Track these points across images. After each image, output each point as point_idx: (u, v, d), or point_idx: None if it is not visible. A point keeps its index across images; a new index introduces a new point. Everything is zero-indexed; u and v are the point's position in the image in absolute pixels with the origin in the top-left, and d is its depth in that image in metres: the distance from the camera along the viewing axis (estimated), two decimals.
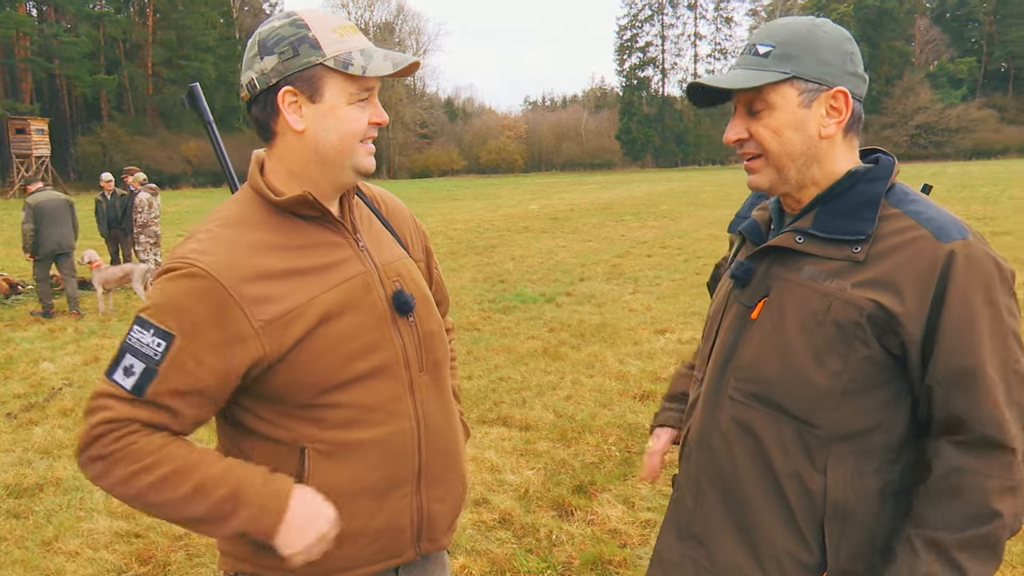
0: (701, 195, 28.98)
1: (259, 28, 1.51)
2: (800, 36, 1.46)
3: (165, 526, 4.04)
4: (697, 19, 78.62)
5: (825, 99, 1.45)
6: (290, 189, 1.52)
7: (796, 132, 1.46)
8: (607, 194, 31.73)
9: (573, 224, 19.67)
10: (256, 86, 1.48)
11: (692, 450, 1.65)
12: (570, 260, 13.37)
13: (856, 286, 1.40)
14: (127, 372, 1.40)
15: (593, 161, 72.03)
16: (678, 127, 76.52)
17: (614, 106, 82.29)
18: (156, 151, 54.35)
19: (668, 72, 78.97)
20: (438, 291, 1.85)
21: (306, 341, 1.46)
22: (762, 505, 1.51)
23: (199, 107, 1.75)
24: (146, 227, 11.87)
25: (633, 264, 12.76)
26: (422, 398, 1.61)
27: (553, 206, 26.15)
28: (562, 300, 9.90)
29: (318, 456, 1.50)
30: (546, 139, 74.03)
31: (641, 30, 79.28)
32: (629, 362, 6.88)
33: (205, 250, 1.44)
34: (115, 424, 1.40)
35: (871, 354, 1.40)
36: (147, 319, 1.41)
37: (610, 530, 3.84)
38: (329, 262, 1.52)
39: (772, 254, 1.54)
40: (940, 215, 1.41)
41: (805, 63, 1.44)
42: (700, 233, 16.52)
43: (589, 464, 4.68)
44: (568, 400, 5.87)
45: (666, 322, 8.39)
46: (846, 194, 1.47)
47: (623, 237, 16.54)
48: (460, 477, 1.72)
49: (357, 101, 1.49)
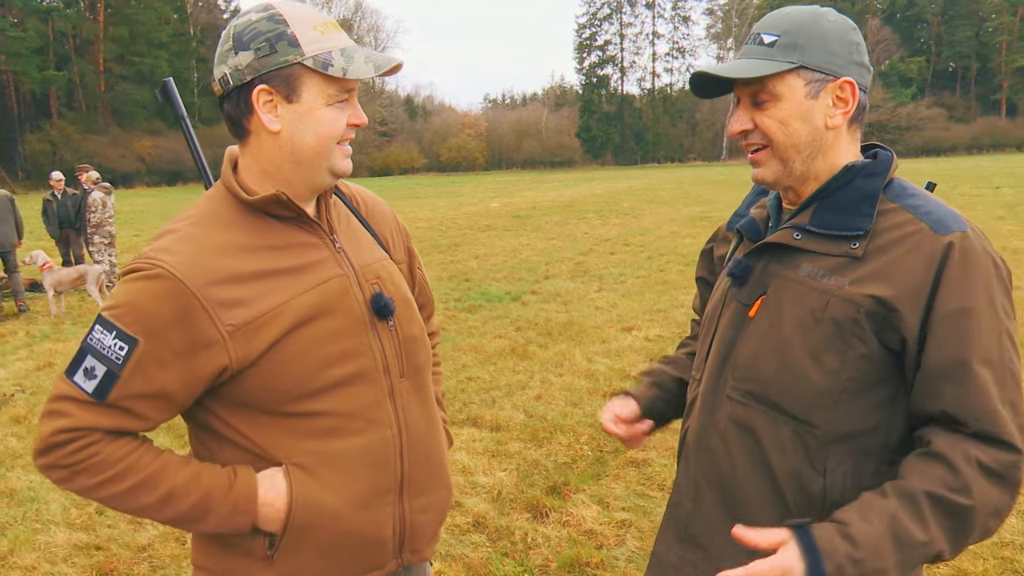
0: (661, 193, 29.17)
1: (234, 20, 1.43)
2: (806, 25, 1.43)
3: (127, 537, 3.91)
4: (655, 18, 79.21)
5: (832, 89, 1.42)
6: (263, 188, 1.46)
7: (802, 123, 1.43)
8: (568, 192, 31.79)
9: (536, 222, 19.66)
10: (229, 82, 1.40)
11: (690, 451, 1.62)
12: (534, 258, 13.34)
13: (854, 283, 1.38)
14: (88, 374, 1.34)
15: (554, 159, 72.18)
16: (637, 125, 77.04)
17: (574, 104, 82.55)
18: (108, 149, 53.09)
19: (627, 71, 79.51)
20: (422, 294, 1.79)
21: (278, 346, 1.40)
22: (761, 506, 1.48)
23: (173, 102, 1.67)
24: (100, 227, 11.56)
25: (597, 262, 12.77)
26: (403, 404, 1.55)
27: (515, 204, 26.11)
28: (528, 299, 9.87)
29: (299, 473, 1.44)
30: (507, 137, 73.99)
31: (600, 28, 79.69)
32: (598, 360, 6.86)
33: (171, 250, 1.37)
34: (75, 433, 1.33)
35: (869, 351, 1.37)
36: (110, 320, 1.34)
37: (586, 531, 3.81)
38: (304, 264, 1.46)
39: (770, 251, 1.51)
40: (939, 209, 1.39)
41: (812, 53, 1.41)
42: (662, 231, 16.61)
43: (562, 464, 4.64)
44: (538, 400, 5.83)
45: (632, 320, 8.40)
46: (844, 189, 1.45)
47: (586, 235, 16.56)
48: (445, 486, 1.67)
49: (336, 102, 1.43)
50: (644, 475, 4.43)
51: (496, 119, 79.03)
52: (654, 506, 4.03)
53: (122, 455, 1.36)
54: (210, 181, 1.65)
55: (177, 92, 1.67)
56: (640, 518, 3.91)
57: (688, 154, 76.51)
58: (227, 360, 1.36)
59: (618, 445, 4.88)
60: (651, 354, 6.94)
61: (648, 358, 6.82)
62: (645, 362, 6.72)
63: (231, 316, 1.36)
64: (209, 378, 1.37)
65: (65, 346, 8.23)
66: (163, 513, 1.39)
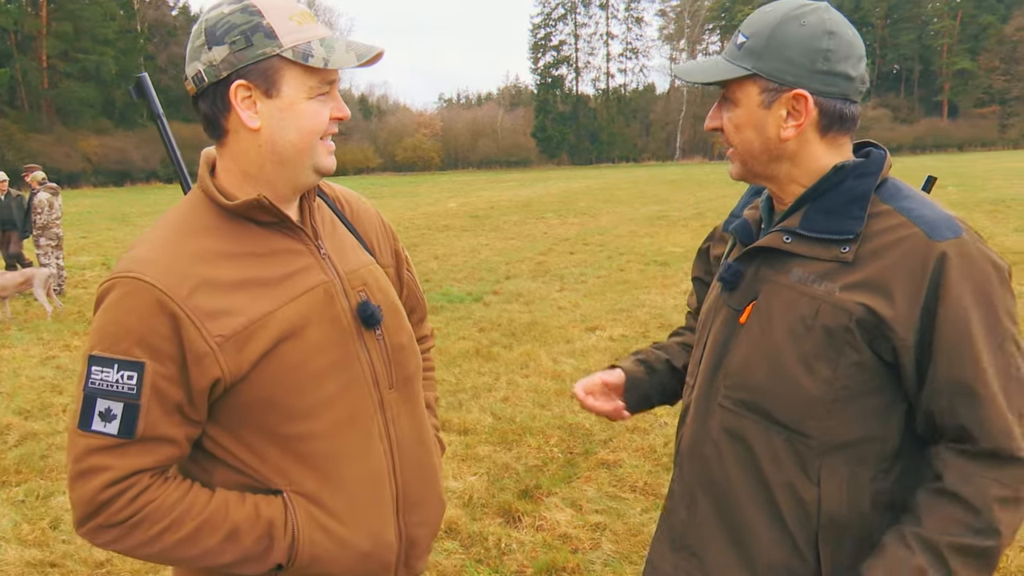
0: (617, 192, 29.35)
1: (205, 14, 1.35)
2: (770, 29, 1.38)
3: (84, 552, 3.75)
4: (609, 19, 79.83)
5: (786, 100, 1.37)
6: (244, 191, 1.38)
7: (754, 132, 1.41)
8: (525, 191, 31.80)
9: (494, 222, 19.60)
10: (204, 79, 1.32)
11: (684, 459, 1.58)
12: (494, 258, 13.29)
13: (845, 289, 1.34)
14: (105, 417, 1.25)
15: (509, 159, 72.22)
16: (592, 125, 77.50)
17: (529, 104, 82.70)
18: (53, 148, 51.43)
19: (582, 71, 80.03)
20: (411, 297, 1.72)
21: (269, 358, 1.32)
22: (755, 516, 1.45)
23: (148, 98, 1.58)
24: (47, 229, 11.20)
25: (557, 261, 12.77)
26: (393, 417, 1.49)
27: (472, 204, 26.03)
28: (490, 299, 9.81)
29: (302, 501, 1.37)
30: (462, 137, 73.80)
31: (555, 29, 79.99)
32: (563, 361, 6.84)
33: (149, 260, 1.29)
34: (123, 484, 1.25)
35: (862, 360, 1.34)
36: (104, 355, 1.26)
37: (560, 535, 3.76)
38: (288, 271, 1.38)
39: (760, 255, 1.47)
40: (933, 212, 1.34)
41: (767, 60, 1.37)
42: (620, 230, 16.69)
43: (532, 467, 4.60)
44: (505, 402, 5.78)
45: (596, 319, 8.40)
46: (834, 190, 1.40)
47: (545, 234, 16.57)
48: (438, 497, 1.61)
49: (317, 95, 1.35)
50: (616, 477, 4.40)
51: (451, 119, 78.82)
52: (627, 508, 4.01)
53: (178, 497, 1.30)
54: (188, 183, 1.57)
55: (152, 88, 1.57)
56: (614, 520, 3.88)
57: (642, 154, 77.22)
58: (219, 372, 1.29)
59: (588, 446, 4.86)
60: (616, 354, 6.94)
61: (613, 358, 6.81)
62: (610, 361, 6.69)
63: (218, 327, 1.28)
64: (206, 392, 1.30)
65: (11, 352, 7.93)
66: (224, 556, 1.32)
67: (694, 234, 15.12)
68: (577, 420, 5.29)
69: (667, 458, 4.59)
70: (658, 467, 4.50)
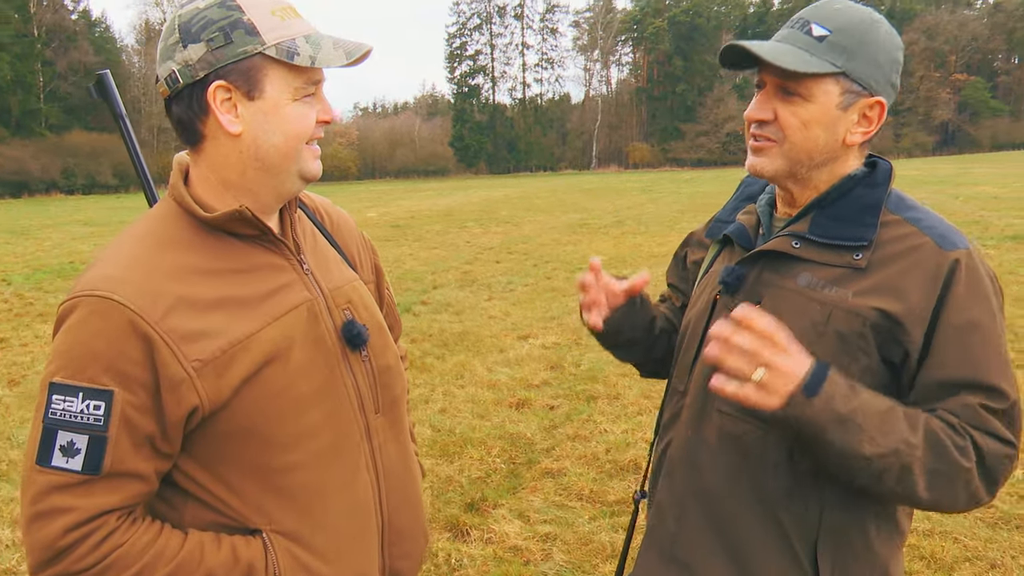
0: (536, 201, 29.52)
1: (178, 9, 1.25)
2: (862, 29, 1.35)
3: None
4: (524, 29, 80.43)
5: (862, 106, 1.37)
6: (222, 202, 1.28)
7: (824, 131, 1.37)
8: (445, 200, 31.65)
9: (416, 231, 19.42)
10: (178, 79, 1.22)
11: (675, 467, 1.55)
12: (419, 268, 13.15)
13: (858, 294, 1.34)
14: (67, 452, 1.13)
15: (427, 168, 71.82)
16: (510, 134, 77.86)
17: (446, 113, 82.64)
18: None
19: (498, 80, 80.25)
20: (389, 314, 1.65)
21: (251, 384, 1.23)
22: (752, 525, 1.43)
23: (110, 98, 1.46)
24: None
25: (484, 270, 12.73)
26: (379, 443, 1.40)
27: (392, 213, 25.72)
28: (418, 309, 9.69)
29: (283, 542, 1.28)
30: (379, 146, 73.01)
31: (470, 38, 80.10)
32: (498, 370, 6.80)
33: (116, 277, 1.18)
34: (88, 527, 1.12)
35: (871, 365, 1.35)
36: (67, 383, 1.14)
37: (511, 547, 3.72)
38: (270, 289, 1.29)
39: (763, 259, 1.46)
40: (941, 224, 1.38)
41: (859, 62, 1.34)
42: (543, 238, 16.77)
43: (476, 479, 4.54)
44: (443, 413, 5.70)
45: (527, 327, 8.40)
46: (844, 198, 1.41)
47: (468, 244, 16.50)
48: (422, 528, 1.53)
49: (303, 96, 1.26)
50: (561, 486, 4.39)
51: (368, 128, 77.95)
52: (575, 517, 4.00)
53: (148, 541, 1.17)
54: (152, 192, 1.46)
55: (115, 87, 1.46)
56: (564, 530, 3.86)
57: (560, 163, 78.00)
58: (197, 400, 1.18)
59: (531, 456, 4.84)
60: (551, 361, 6.95)
61: (548, 366, 6.83)
62: (546, 370, 6.72)
63: (195, 350, 1.18)
64: (181, 423, 1.19)
65: None
66: None
67: (616, 242, 15.34)
68: (518, 430, 5.26)
69: (610, 465, 4.60)
70: (602, 474, 4.51)
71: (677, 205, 24.00)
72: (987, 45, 75.54)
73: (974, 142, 71.82)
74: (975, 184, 24.97)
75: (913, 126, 72.43)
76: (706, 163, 69.47)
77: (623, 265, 12.18)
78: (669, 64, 76.75)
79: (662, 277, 1.91)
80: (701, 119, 73.28)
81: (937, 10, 74.47)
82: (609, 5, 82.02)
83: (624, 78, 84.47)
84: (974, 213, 16.35)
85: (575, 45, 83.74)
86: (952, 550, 3.54)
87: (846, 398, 1.24)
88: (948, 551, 3.53)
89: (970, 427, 1.29)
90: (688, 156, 71.98)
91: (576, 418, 5.46)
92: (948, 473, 1.27)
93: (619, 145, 79.61)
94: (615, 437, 5.02)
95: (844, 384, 1.26)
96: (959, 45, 74.11)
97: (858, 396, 1.26)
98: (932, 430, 1.28)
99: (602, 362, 6.68)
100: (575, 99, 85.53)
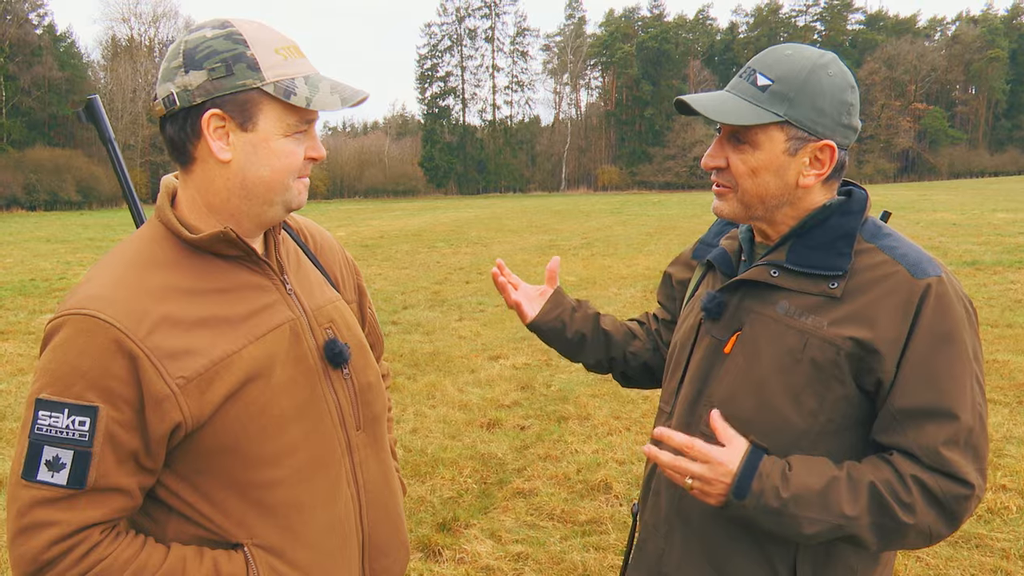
0: (506, 221, 29.66)
1: (185, 35, 1.29)
2: (802, 78, 1.39)
3: None
4: (495, 52, 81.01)
5: (811, 149, 1.40)
6: (207, 224, 1.31)
7: (774, 177, 1.42)
8: (415, 220, 31.66)
9: (385, 251, 19.40)
10: (176, 102, 1.26)
11: (662, 487, 1.59)
12: (389, 288, 13.14)
13: (833, 324, 1.38)
14: (53, 466, 1.15)
15: (397, 188, 71.81)
16: (479, 155, 78.21)
17: (416, 133, 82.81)
18: None
19: (468, 102, 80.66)
20: (371, 333, 1.68)
21: (234, 401, 1.26)
22: (735, 543, 1.48)
23: (99, 121, 1.49)
24: None
25: (454, 291, 12.75)
26: (360, 460, 1.44)
27: (361, 233, 25.67)
28: (389, 329, 9.67)
29: (264, 556, 1.30)
30: (348, 165, 72.83)
31: (441, 60, 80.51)
32: (469, 390, 6.81)
33: (103, 296, 1.21)
34: (71, 540, 1.14)
35: (847, 393, 1.38)
36: (53, 399, 1.16)
37: (483, 568, 3.73)
38: (253, 308, 1.32)
39: (744, 286, 1.50)
40: (913, 251, 1.41)
41: (800, 109, 1.38)
42: (515, 259, 16.85)
43: (448, 499, 4.54)
44: (415, 433, 5.70)
45: (498, 348, 8.43)
46: (820, 227, 1.45)
47: (438, 264, 16.52)
48: (403, 544, 1.56)
49: (294, 133, 1.30)
50: (532, 505, 4.41)
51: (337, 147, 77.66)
52: (547, 536, 4.02)
53: (131, 555, 1.19)
54: (139, 213, 1.48)
55: (104, 111, 1.49)
56: (536, 549, 3.88)
57: (529, 184, 78.43)
58: (180, 416, 1.21)
59: (503, 476, 4.85)
60: (521, 382, 6.98)
61: (519, 386, 6.86)
62: (517, 390, 6.74)
63: (179, 368, 1.21)
64: (165, 439, 1.22)
65: None
66: None
67: (585, 263, 15.46)
68: (489, 450, 5.28)
69: (581, 485, 4.64)
70: (573, 494, 4.54)
71: (645, 228, 24.25)
72: (945, 76, 77.69)
73: (933, 169, 73.70)
74: (934, 211, 25.58)
75: (875, 153, 74.11)
76: (674, 186, 70.33)
77: (592, 286, 12.28)
78: (637, 88, 77.84)
79: (630, 299, 2.02)
80: (669, 143, 74.33)
81: (897, 40, 76.43)
82: (579, 30, 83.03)
83: (593, 102, 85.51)
84: (933, 239, 16.73)
85: (545, 68, 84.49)
86: (915, 568, 3.62)
87: (777, 491, 1.32)
88: (911, 569, 3.61)
89: (927, 471, 1.33)
90: (656, 179, 72.86)
91: (547, 438, 5.49)
92: (896, 528, 1.34)
93: (588, 167, 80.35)
94: (586, 457, 5.06)
95: (777, 474, 1.33)
96: (919, 75, 76.17)
97: (792, 484, 1.32)
98: (876, 493, 1.32)
99: (573, 383, 6.73)
100: (545, 121, 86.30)
